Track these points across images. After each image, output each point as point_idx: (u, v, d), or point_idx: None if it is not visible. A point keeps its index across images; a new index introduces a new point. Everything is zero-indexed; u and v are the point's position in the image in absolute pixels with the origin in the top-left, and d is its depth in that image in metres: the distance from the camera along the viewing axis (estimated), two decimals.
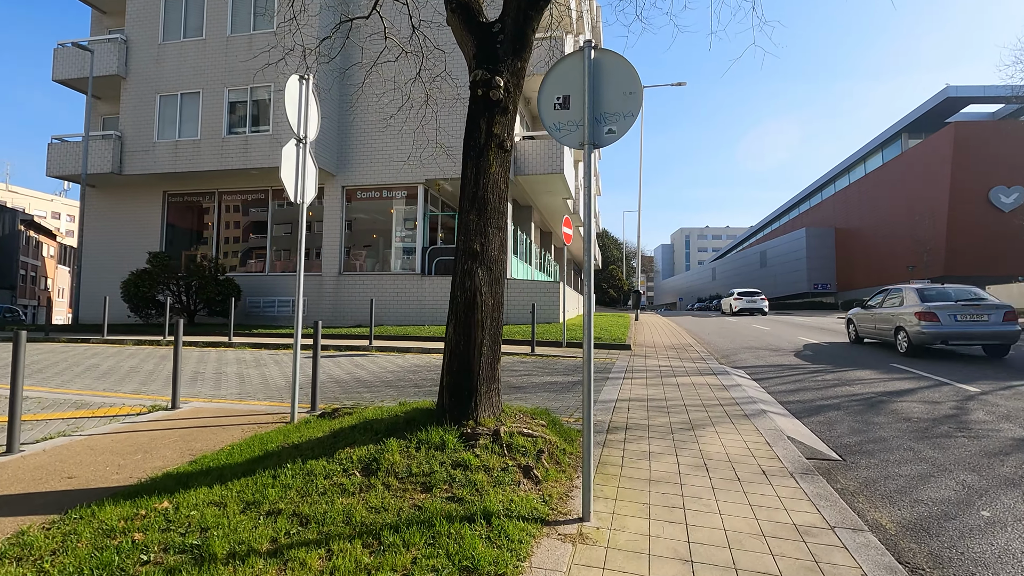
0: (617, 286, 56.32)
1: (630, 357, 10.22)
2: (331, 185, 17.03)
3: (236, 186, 17.80)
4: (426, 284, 16.20)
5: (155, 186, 18.28)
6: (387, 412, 4.54)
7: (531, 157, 16.76)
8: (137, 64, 17.56)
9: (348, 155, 16.94)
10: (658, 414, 5.61)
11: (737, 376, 8.39)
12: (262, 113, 16.49)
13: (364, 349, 10.88)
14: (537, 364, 9.23)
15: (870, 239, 49.15)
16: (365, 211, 17.29)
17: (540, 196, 19.53)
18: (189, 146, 16.81)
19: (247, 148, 16.36)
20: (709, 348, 12.92)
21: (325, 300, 16.81)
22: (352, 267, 17.11)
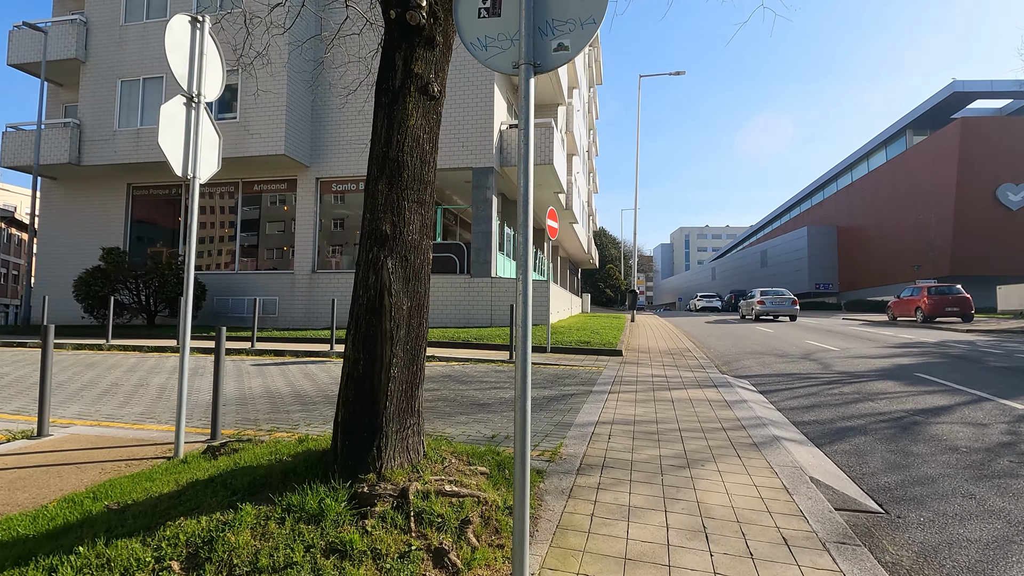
0: (615, 286, 55.19)
1: (621, 365, 9.09)
2: (304, 177, 15.90)
3: None
4: None
5: (118, 178, 17.15)
6: (277, 452, 3.40)
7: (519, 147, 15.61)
8: (97, 47, 16.42)
9: (322, 145, 15.81)
10: (646, 443, 4.48)
11: (741, 388, 7.27)
12: (229, 99, 15.35)
13: (324, 355, 9.76)
14: (513, 374, 8.09)
15: (874, 238, 48.05)
16: (342, 204, 16.16)
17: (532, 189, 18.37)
18: (152, 135, 15.67)
19: None
20: (709, 353, 11.79)
21: (297, 300, 15.69)
22: (327, 264, 15.99)
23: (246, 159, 15.26)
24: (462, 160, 14.95)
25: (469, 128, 14.97)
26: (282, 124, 14.76)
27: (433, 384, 7.10)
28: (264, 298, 15.94)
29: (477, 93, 14.97)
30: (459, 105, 15.04)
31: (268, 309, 15.91)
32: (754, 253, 69.20)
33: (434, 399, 6.14)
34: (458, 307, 14.71)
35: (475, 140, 14.90)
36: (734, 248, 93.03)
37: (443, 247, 15.30)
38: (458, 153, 14.98)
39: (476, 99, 14.98)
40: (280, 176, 16.15)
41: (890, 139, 47.99)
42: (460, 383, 7.18)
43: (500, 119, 15.57)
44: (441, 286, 14.85)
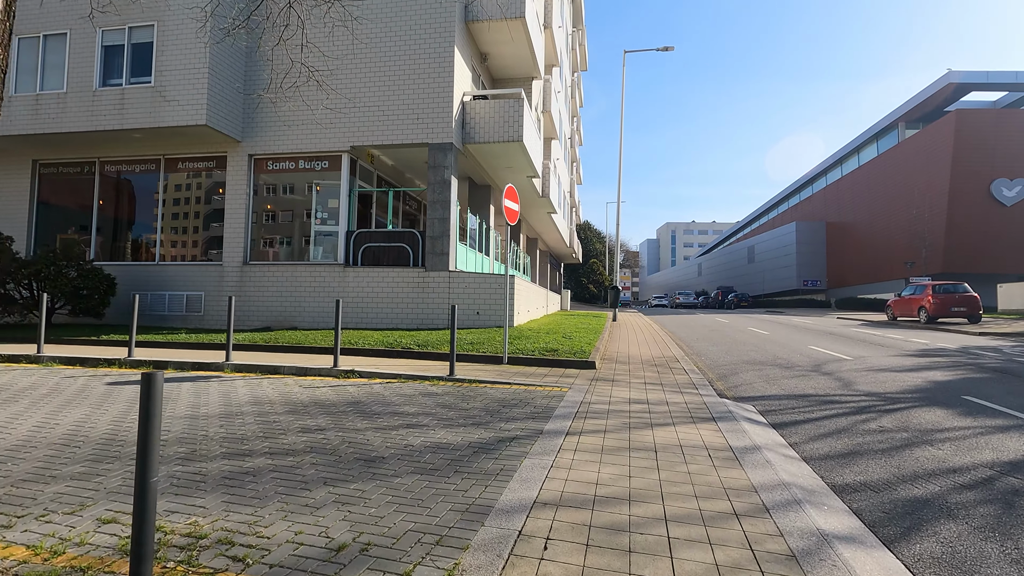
0: (598, 281, 53.38)
1: (591, 383, 7.14)
2: (235, 154, 13.71)
3: (121, 153, 14.40)
4: (349, 277, 12.99)
5: (21, 153, 14.80)
6: None
7: (483, 121, 13.58)
8: None
9: (257, 117, 13.63)
10: (610, 559, 2.52)
11: (747, 421, 5.36)
12: (143, 59, 13.09)
13: (218, 368, 7.67)
14: (448, 397, 6.11)
15: (863, 234, 46.79)
16: (279, 186, 14.00)
17: (500, 173, 16.37)
18: (53, 101, 13.37)
19: (123, 104, 12.96)
20: (699, 362, 9.90)
21: (226, 295, 13.50)
22: (263, 255, 13.84)
23: (165, 131, 13.04)
24: (416, 135, 12.87)
25: (424, 97, 12.88)
26: (203, 89, 12.55)
27: (322, 419, 5.08)
28: (189, 293, 13.77)
29: (433, 56, 12.88)
30: (412, 70, 12.94)
31: (193, 306, 13.73)
32: (741, 249, 67.91)
33: (302, 451, 4.13)
34: (410, 306, 12.67)
35: (431, 112, 12.83)
36: (721, 244, 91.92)
37: (394, 235, 13.23)
38: (412, 126, 12.89)
39: (432, 64, 12.90)
40: (208, 152, 13.94)
41: (881, 132, 46.68)
42: (364, 417, 5.18)
43: (463, 89, 13.50)
44: (390, 281, 12.79)
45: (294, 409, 5.44)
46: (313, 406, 5.59)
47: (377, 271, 12.86)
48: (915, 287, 20.87)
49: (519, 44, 15.14)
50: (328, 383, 6.89)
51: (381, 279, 12.85)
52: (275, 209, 14.01)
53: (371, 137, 13.04)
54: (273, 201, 14.01)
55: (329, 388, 6.55)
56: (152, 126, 12.77)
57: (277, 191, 14.00)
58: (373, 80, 13.11)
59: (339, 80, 13.25)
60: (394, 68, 13.02)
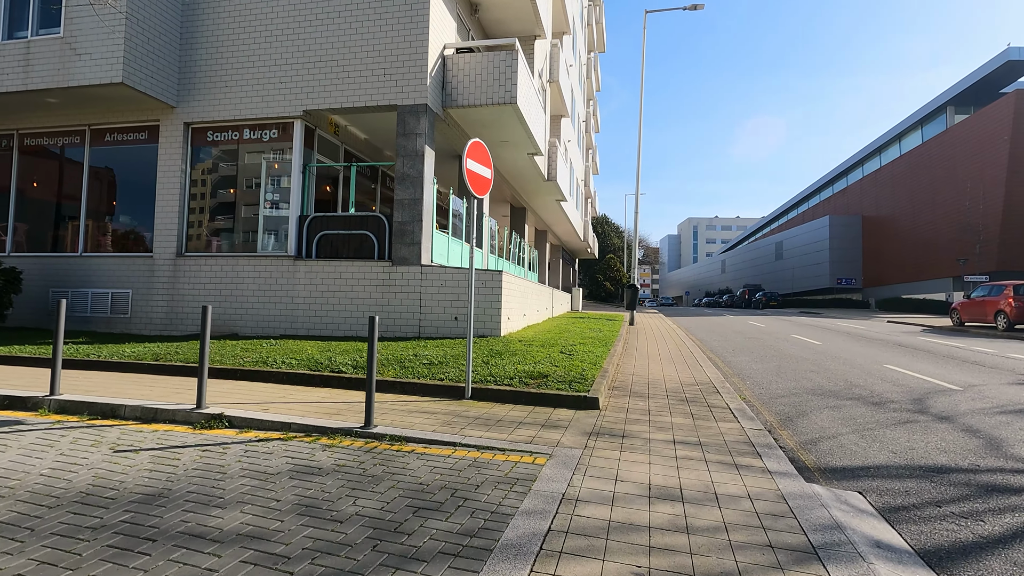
0: (615, 278, 50.32)
1: (589, 439, 4.51)
2: (169, 122, 11.29)
3: (42, 124, 12.10)
4: (300, 272, 10.49)
5: None
6: None
7: (468, 80, 10.95)
8: None
9: (194, 77, 11.19)
10: None
11: (885, 562, 2.68)
12: (51, 4, 10.72)
13: (36, 406, 5.18)
14: (334, 481, 3.56)
15: (905, 228, 43.07)
16: (221, 161, 11.56)
17: (494, 148, 13.72)
18: None
19: (29, 59, 10.63)
20: (746, 390, 7.16)
21: (157, 294, 11.14)
22: (202, 246, 11.42)
23: (80, 94, 10.68)
24: (383, 95, 10.29)
25: (392, 48, 10.29)
26: (120, 40, 10.13)
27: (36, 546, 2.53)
28: (115, 291, 11.42)
29: None
30: (378, 12, 10.35)
31: (119, 306, 11.38)
32: (768, 245, 64.24)
33: None
34: (373, 309, 10.13)
35: (401, 66, 10.24)
36: (746, 240, 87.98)
37: (355, 221, 10.68)
38: (378, 85, 10.32)
39: (402, 2, 10.29)
40: (138, 120, 11.56)
41: (927, 118, 42.83)
42: (135, 539, 2.62)
43: (443, 38, 10.88)
44: (349, 277, 10.26)
45: (19, 519, 2.91)
46: (74, 504, 3.06)
47: (334, 265, 10.34)
48: (990, 288, 17.71)
49: None
50: (170, 438, 4.35)
51: (339, 275, 10.33)
52: (217, 189, 11.57)
53: (328, 99, 10.50)
54: (214, 180, 11.57)
55: (159, 452, 4.02)
56: (61, 86, 10.41)
57: (219, 167, 11.55)
58: (329, 25, 10.56)
59: (288, 24, 10.74)
60: (358, 11, 10.45)
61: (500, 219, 21.61)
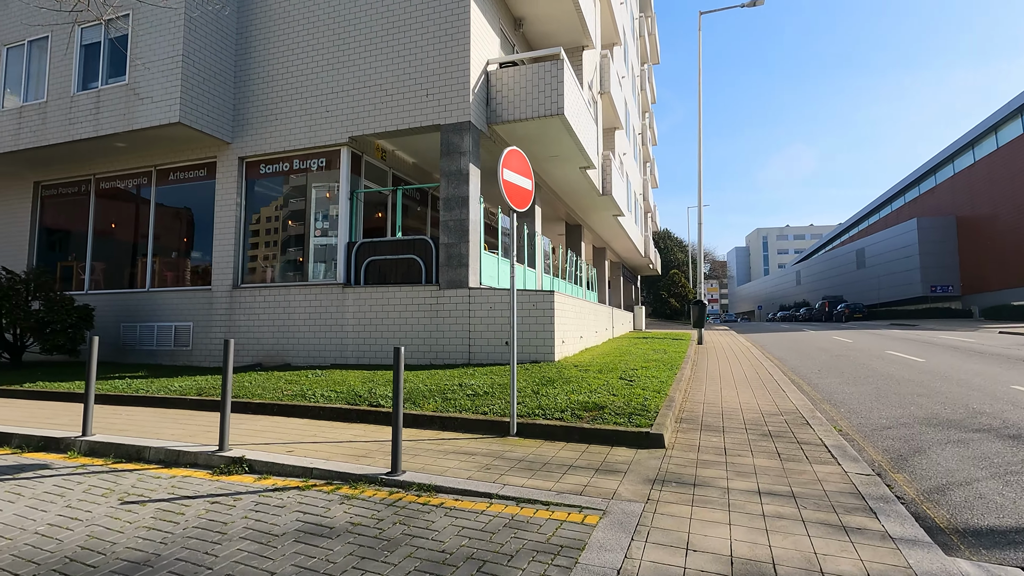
0: (680, 294, 48.22)
1: (652, 490, 3.77)
2: (225, 157, 11.58)
3: (113, 168, 12.77)
4: (348, 299, 10.30)
5: (23, 176, 13.64)
6: None
7: (513, 94, 10.55)
8: None
9: (247, 112, 11.45)
10: None
11: None
12: (120, 55, 11.33)
13: (67, 447, 5.01)
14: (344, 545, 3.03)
15: (1007, 228, 38.71)
16: (273, 193, 11.71)
17: (544, 165, 13.22)
18: (35, 112, 11.95)
19: (99, 107, 11.23)
20: (841, 420, 6.09)
21: (215, 325, 11.30)
22: (258, 277, 11.53)
23: (145, 136, 11.15)
24: (426, 115, 10.05)
25: (434, 67, 10.06)
26: (176, 80, 10.50)
27: None
28: (178, 324, 11.71)
29: (444, 13, 10.07)
30: (419, 33, 10.19)
31: (181, 339, 11.64)
32: (848, 253, 59.86)
33: None
34: (421, 335, 9.73)
35: (443, 84, 9.98)
36: (822, 248, 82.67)
37: (402, 245, 10.40)
38: (420, 106, 10.10)
39: (443, 22, 10.08)
40: (197, 158, 11.94)
41: None
42: None
43: (485, 54, 10.57)
44: (397, 303, 9.95)
45: None
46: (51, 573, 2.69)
47: (382, 291, 10.08)
48: None
49: (560, 1, 12.04)
50: (184, 487, 3.99)
51: (386, 301, 10.05)
52: (271, 220, 11.70)
53: (372, 124, 10.39)
54: (267, 211, 11.72)
55: (166, 504, 3.65)
56: (127, 129, 10.90)
57: (271, 199, 11.70)
58: (371, 50, 10.50)
59: (333, 54, 10.79)
60: (398, 33, 10.34)
61: (555, 238, 21.03)
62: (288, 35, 11.23)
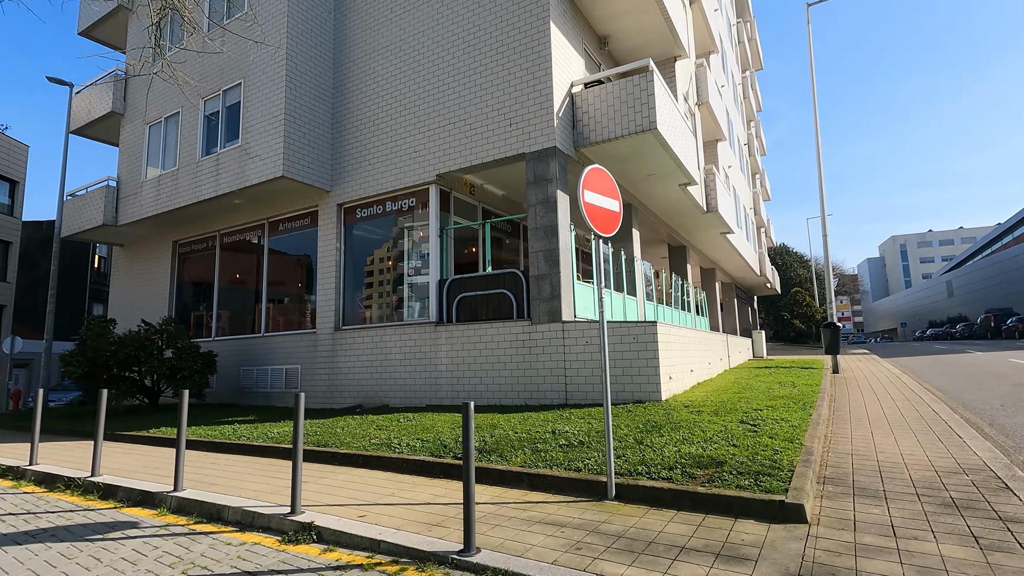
0: (805, 314, 43.64)
1: None
2: (325, 206, 12.11)
3: (232, 223, 13.91)
4: (441, 338, 10.09)
5: (164, 236, 15.32)
6: None
7: (600, 113, 9.96)
8: (131, 94, 15.00)
9: (343, 160, 11.94)
10: None
11: None
12: (234, 121, 12.37)
13: (159, 502, 5.02)
14: None
15: None
16: (369, 235, 12.00)
17: (641, 186, 12.39)
18: (169, 179, 13.38)
19: (219, 169, 12.29)
20: None
21: (320, 368, 11.64)
22: (358, 318, 11.77)
23: (254, 192, 11.99)
24: (510, 145, 9.76)
25: (515, 95, 9.79)
26: (279, 138, 11.18)
27: None
28: (288, 367, 12.24)
29: (522, 40, 9.82)
30: (498, 63, 10.01)
31: (291, 381, 12.13)
32: (1016, 257, 51.11)
33: None
34: (514, 373, 9.22)
35: (525, 111, 9.65)
36: (978, 253, 71.67)
37: (491, 280, 10.04)
38: (504, 136, 9.84)
39: (522, 49, 9.82)
40: (302, 208, 12.61)
41: None
42: None
43: (569, 76, 10.13)
44: (488, 340, 9.55)
45: None
46: None
47: (473, 328, 9.75)
48: None
49: (648, 12, 11.38)
50: (248, 558, 3.71)
51: (478, 338, 9.69)
52: (369, 262, 11.96)
53: (458, 159, 10.30)
54: (364, 254, 12.00)
55: None
56: (240, 187, 11.77)
57: (369, 241, 11.98)
58: (454, 86, 10.49)
59: (418, 94, 10.94)
60: (478, 67, 10.25)
61: (658, 261, 19.81)
62: (376, 82, 11.61)
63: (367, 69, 11.82)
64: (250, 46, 12.07)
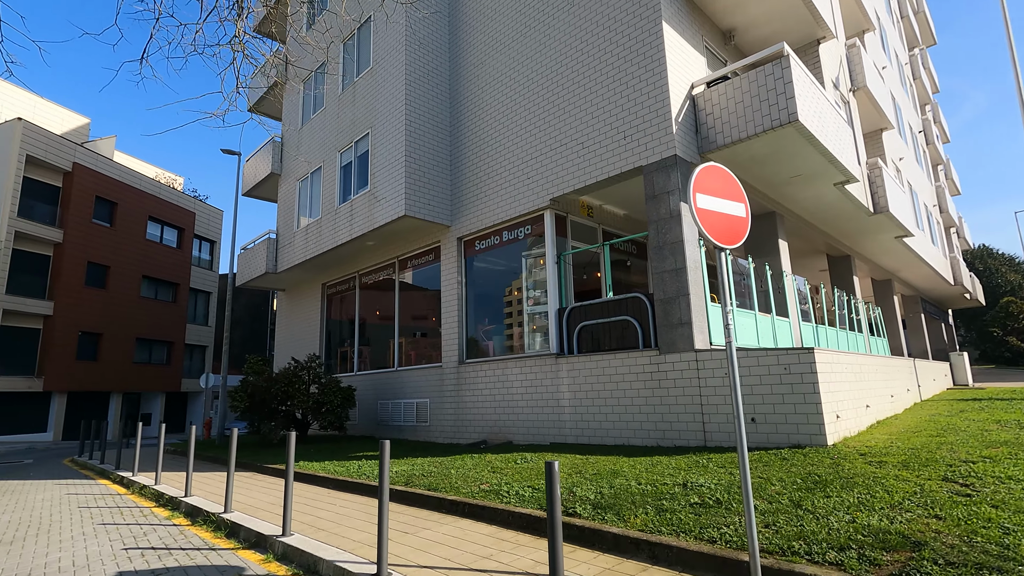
0: (1022, 329, 35.36)
1: None
2: (447, 240, 12.31)
3: (368, 264, 14.80)
4: (562, 370, 9.46)
5: (315, 280, 16.83)
6: None
7: (727, 113, 8.83)
8: (287, 157, 16.89)
9: (461, 194, 12.09)
10: None
11: None
12: (364, 168, 13.21)
13: (269, 546, 5.00)
14: None
15: None
16: (488, 266, 11.89)
17: (783, 189, 10.79)
18: (315, 227, 14.68)
19: (352, 214, 13.16)
20: None
21: (447, 402, 11.65)
22: (480, 351, 11.64)
23: (383, 232, 12.59)
24: (625, 159, 9.02)
25: (628, 105, 9.06)
26: (401, 179, 11.63)
27: None
28: (418, 401, 12.47)
29: (632, 44, 9.12)
30: (607, 73, 9.39)
31: (421, 415, 12.31)
32: None
33: None
34: (643, 409, 8.24)
35: (639, 121, 8.87)
36: None
37: (613, 306, 9.22)
38: (618, 150, 9.13)
39: (632, 55, 9.11)
40: (426, 245, 12.97)
41: None
42: None
43: (688, 77, 9.17)
44: (612, 373, 8.70)
45: None
46: None
47: (595, 360, 8.99)
48: None
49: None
50: None
51: (600, 371, 8.90)
52: (489, 294, 11.84)
53: (571, 180, 9.79)
54: (483, 285, 11.91)
55: None
56: (370, 229, 12.44)
57: (488, 273, 11.88)
58: (564, 106, 10.07)
59: (528, 119, 10.71)
60: (586, 82, 9.73)
61: (814, 275, 17.28)
62: (488, 113, 11.64)
63: (479, 102, 11.93)
64: (376, 97, 12.90)
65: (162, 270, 31.07)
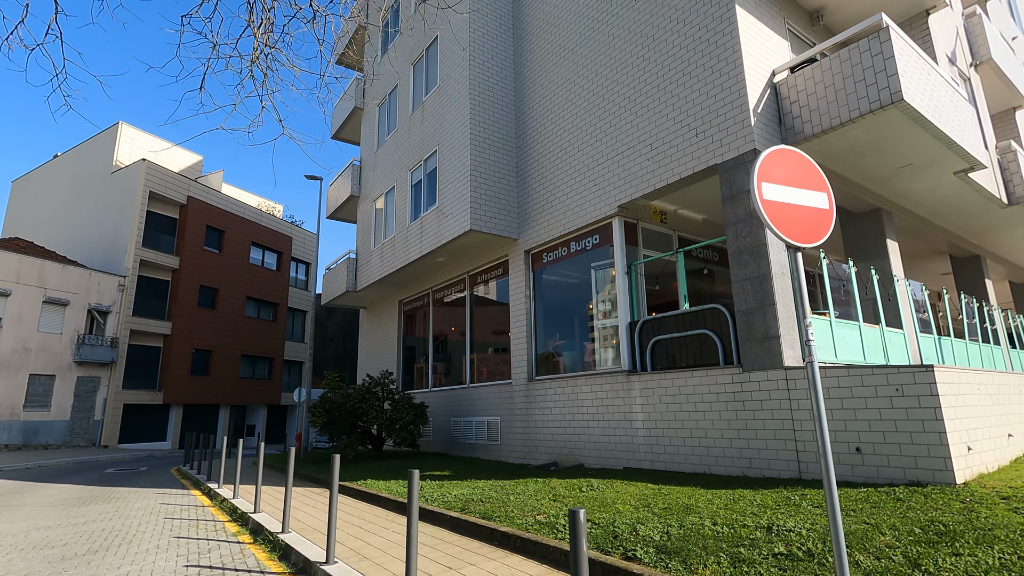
0: None
1: None
2: (514, 254, 12.03)
3: (440, 280, 14.85)
4: (635, 388, 8.77)
5: (392, 297, 17.20)
6: None
7: (815, 99, 7.85)
8: (364, 179, 17.50)
9: (528, 206, 11.79)
10: None
11: None
12: (433, 185, 13.30)
13: (313, 573, 4.83)
14: None
15: None
16: (556, 279, 11.44)
17: (888, 183, 9.45)
18: (389, 245, 15.00)
19: (422, 231, 13.27)
20: None
21: (517, 420, 11.27)
22: (550, 368, 11.18)
23: (451, 248, 12.57)
24: (697, 159, 8.27)
25: (699, 99, 8.33)
26: (466, 193, 11.53)
27: None
28: (489, 418, 12.19)
29: (703, 33, 8.39)
30: (676, 66, 8.71)
31: (492, 433, 12.01)
32: None
33: None
34: (725, 433, 7.37)
35: (712, 116, 8.10)
36: None
37: (689, 319, 8.41)
38: (690, 148, 8.41)
39: (703, 44, 8.38)
40: (495, 259, 12.76)
41: None
42: None
43: (768, 64, 8.29)
44: (689, 392, 7.90)
45: None
46: None
47: (670, 378, 8.24)
48: None
49: None
50: None
51: (676, 389, 8.13)
52: (558, 308, 11.37)
53: (639, 185, 9.16)
54: (554, 298, 11.46)
55: None
56: (439, 244, 12.45)
57: (556, 286, 11.43)
58: (631, 107, 9.48)
59: (592, 123, 10.22)
60: (653, 79, 9.10)
61: (936, 279, 15.13)
62: (552, 121, 11.28)
63: (543, 111, 11.62)
64: (443, 115, 12.98)
65: (263, 291, 33.53)
